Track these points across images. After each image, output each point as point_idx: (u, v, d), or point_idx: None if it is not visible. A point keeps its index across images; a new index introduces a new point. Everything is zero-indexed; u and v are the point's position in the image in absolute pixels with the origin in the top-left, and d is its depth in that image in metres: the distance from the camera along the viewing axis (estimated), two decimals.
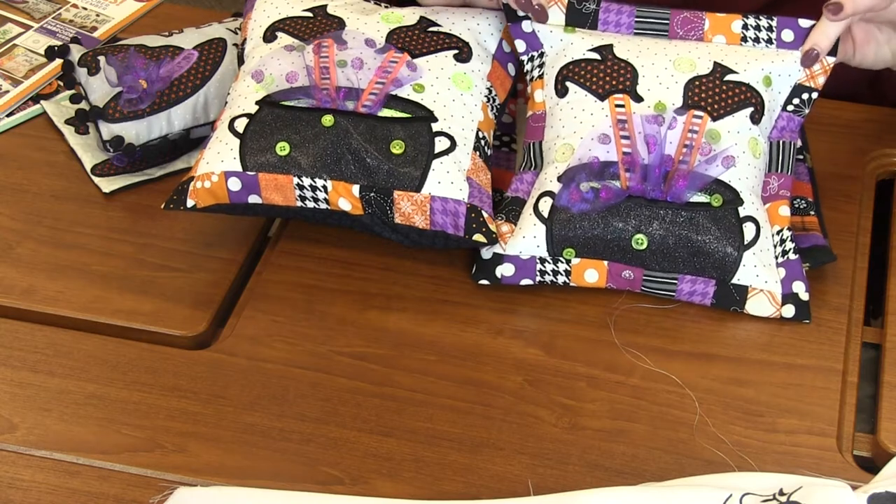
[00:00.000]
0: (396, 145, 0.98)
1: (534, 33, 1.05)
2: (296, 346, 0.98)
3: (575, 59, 1.04)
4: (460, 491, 0.87)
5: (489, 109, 1.04)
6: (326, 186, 0.99)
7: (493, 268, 0.99)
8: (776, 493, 0.81)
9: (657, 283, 0.98)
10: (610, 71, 1.02)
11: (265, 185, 0.99)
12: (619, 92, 1.01)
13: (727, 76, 1.01)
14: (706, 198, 0.97)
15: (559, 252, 0.98)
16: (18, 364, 0.97)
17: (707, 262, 0.96)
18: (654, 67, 1.02)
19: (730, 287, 0.97)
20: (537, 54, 1.05)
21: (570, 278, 0.99)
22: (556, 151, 1.01)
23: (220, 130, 1.02)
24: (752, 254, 0.97)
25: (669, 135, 0.98)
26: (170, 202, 1.02)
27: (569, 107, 1.02)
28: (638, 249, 0.96)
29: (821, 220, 1.02)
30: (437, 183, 0.98)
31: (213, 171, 1.00)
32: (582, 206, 0.97)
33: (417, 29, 1.05)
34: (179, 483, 0.87)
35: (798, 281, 0.97)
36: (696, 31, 1.04)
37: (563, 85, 1.03)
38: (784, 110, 1.03)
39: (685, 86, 1.00)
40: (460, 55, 1.04)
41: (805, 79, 1.03)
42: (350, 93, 1.00)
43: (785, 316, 0.97)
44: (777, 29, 1.03)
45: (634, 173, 0.97)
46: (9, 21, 1.33)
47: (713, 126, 0.98)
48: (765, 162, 1.01)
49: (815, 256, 0.99)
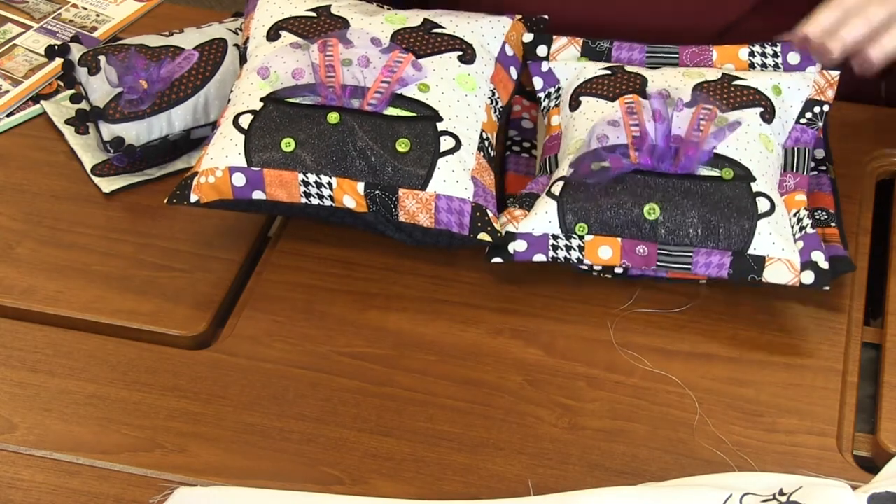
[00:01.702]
0: (402, 143, 0.98)
1: (550, 71, 1.08)
2: (296, 346, 0.98)
3: (588, 78, 1.06)
4: (460, 491, 0.87)
5: (492, 111, 1.04)
6: (331, 183, 0.99)
7: (506, 244, 0.99)
8: (776, 493, 0.81)
9: (672, 256, 0.97)
10: (620, 81, 1.04)
11: (270, 181, 0.99)
12: (628, 93, 1.02)
13: (735, 81, 1.03)
14: (717, 171, 0.97)
15: (571, 228, 0.98)
16: (18, 364, 0.97)
17: (721, 231, 0.96)
18: (664, 76, 1.04)
19: (746, 257, 0.96)
20: (554, 90, 1.08)
21: (584, 254, 0.98)
22: (570, 148, 1.02)
23: (224, 126, 1.02)
24: (767, 223, 0.96)
25: (678, 120, 0.99)
26: (173, 196, 1.02)
27: (582, 115, 1.03)
28: (650, 220, 0.96)
29: (842, 231, 1.01)
30: (443, 181, 0.98)
31: (217, 167, 1.00)
32: (593, 178, 0.97)
33: (421, 30, 1.05)
34: (179, 483, 0.87)
35: (817, 251, 0.96)
36: (705, 62, 1.08)
37: (576, 101, 1.05)
38: (798, 123, 1.04)
39: (693, 87, 1.02)
40: (464, 57, 1.04)
41: (815, 93, 1.05)
42: (356, 91, 1.00)
43: (804, 282, 0.95)
44: (782, 54, 1.07)
45: (643, 152, 0.98)
46: (9, 21, 1.33)
47: (722, 116, 0.99)
48: (779, 162, 1.02)
49: (834, 266, 0.98)
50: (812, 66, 1.06)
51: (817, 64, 1.06)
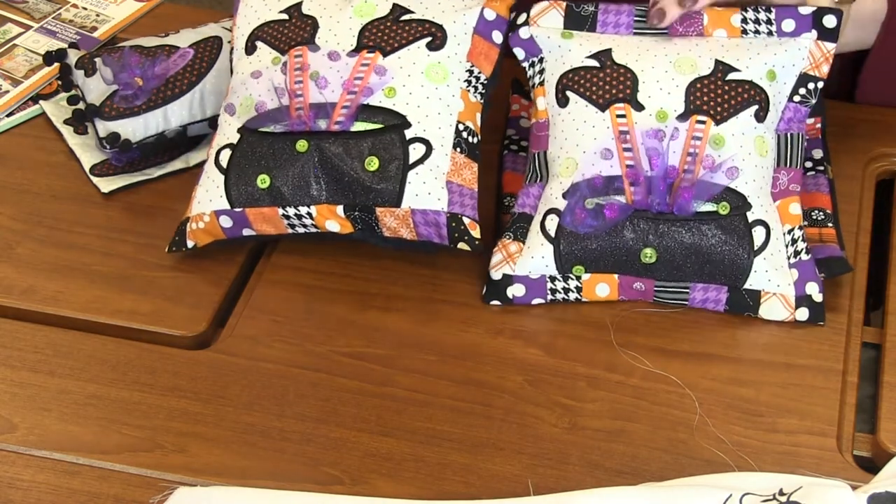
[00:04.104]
0: (370, 162, 0.98)
1: (531, 39, 1.04)
2: (296, 346, 0.97)
3: (574, 67, 1.02)
4: (460, 491, 0.87)
5: (470, 94, 1.02)
6: (311, 213, 0.99)
7: (504, 289, 0.99)
8: (776, 493, 0.81)
9: (669, 292, 0.98)
10: (609, 79, 1.01)
11: (254, 219, 1.00)
12: (619, 101, 0.99)
13: (729, 75, 1.00)
14: (713, 206, 0.96)
15: (569, 270, 0.98)
16: (18, 364, 0.97)
17: (717, 270, 0.96)
18: (655, 71, 1.00)
19: (742, 293, 0.97)
20: (537, 59, 1.05)
21: (582, 294, 0.99)
22: (560, 166, 1.00)
23: (208, 164, 1.03)
24: (763, 258, 0.96)
25: (672, 145, 0.97)
26: (172, 244, 1.04)
27: (570, 117, 1.01)
28: (647, 263, 0.96)
29: (838, 232, 1.01)
30: (415, 196, 0.98)
31: (203, 212, 1.01)
32: (587, 226, 0.97)
33: (389, 20, 1.03)
34: (179, 483, 0.87)
35: (811, 282, 0.97)
36: (696, 27, 1.03)
37: (563, 94, 1.02)
38: (790, 101, 1.02)
39: (686, 89, 0.99)
40: (433, 42, 1.02)
41: (809, 67, 1.02)
42: (321, 110, 0.99)
43: (799, 319, 0.97)
44: (776, 21, 1.02)
45: (639, 186, 0.96)
46: (9, 21, 1.33)
47: (717, 131, 0.97)
48: (773, 158, 1.01)
49: (831, 267, 0.98)
50: (807, 32, 1.02)
51: (812, 31, 1.02)
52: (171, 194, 1.10)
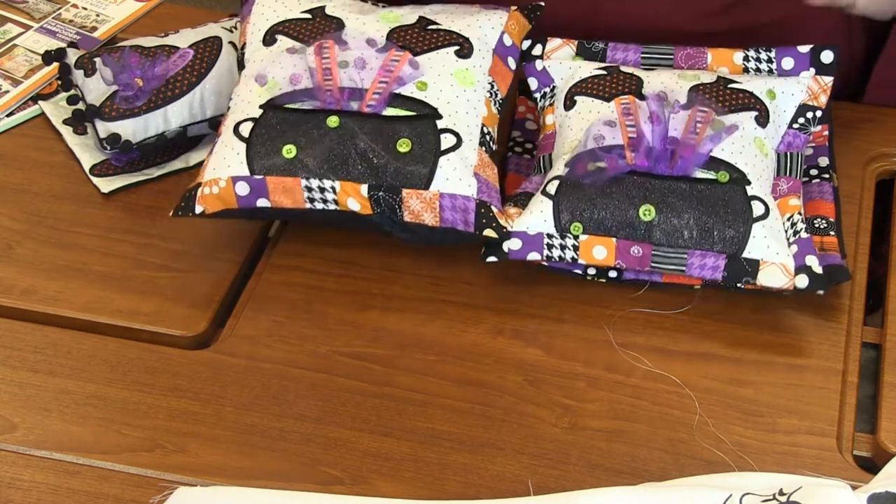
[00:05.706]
0: (403, 144, 0.98)
1: (545, 70, 1.08)
2: (296, 346, 0.98)
3: (583, 78, 1.06)
4: (460, 491, 0.87)
5: (492, 104, 1.04)
6: (335, 187, 0.99)
7: (501, 243, 0.99)
8: (776, 493, 0.81)
9: (666, 258, 0.97)
10: (616, 81, 1.04)
11: (273, 189, 0.99)
12: (624, 94, 1.02)
13: (731, 84, 1.03)
14: (713, 174, 0.97)
15: (567, 228, 0.98)
16: (18, 364, 0.97)
17: (716, 236, 0.96)
18: (659, 76, 1.04)
19: (741, 260, 0.96)
20: (549, 90, 1.08)
21: (578, 254, 0.98)
22: (565, 147, 1.02)
23: (224, 135, 1.02)
24: (762, 226, 0.96)
25: (674, 121, 0.99)
26: (178, 209, 1.02)
27: (577, 114, 1.03)
28: (645, 221, 0.96)
29: (840, 240, 1.01)
30: (446, 180, 0.98)
31: (220, 177, 1.00)
32: (588, 177, 0.97)
33: (417, 27, 1.05)
34: (179, 483, 0.87)
35: (811, 255, 0.96)
36: (700, 64, 1.08)
37: (571, 100, 1.05)
38: (790, 128, 1.04)
39: (689, 90, 1.02)
40: (461, 51, 1.04)
41: (808, 98, 1.05)
42: (354, 93, 1.00)
43: (798, 286, 0.95)
44: (776, 59, 1.07)
45: (640, 152, 0.98)
46: (9, 21, 1.33)
47: (718, 119, 0.99)
48: (773, 161, 1.02)
49: (831, 275, 0.97)
50: (806, 70, 1.06)
51: (811, 69, 1.06)
52: (171, 194, 1.10)
